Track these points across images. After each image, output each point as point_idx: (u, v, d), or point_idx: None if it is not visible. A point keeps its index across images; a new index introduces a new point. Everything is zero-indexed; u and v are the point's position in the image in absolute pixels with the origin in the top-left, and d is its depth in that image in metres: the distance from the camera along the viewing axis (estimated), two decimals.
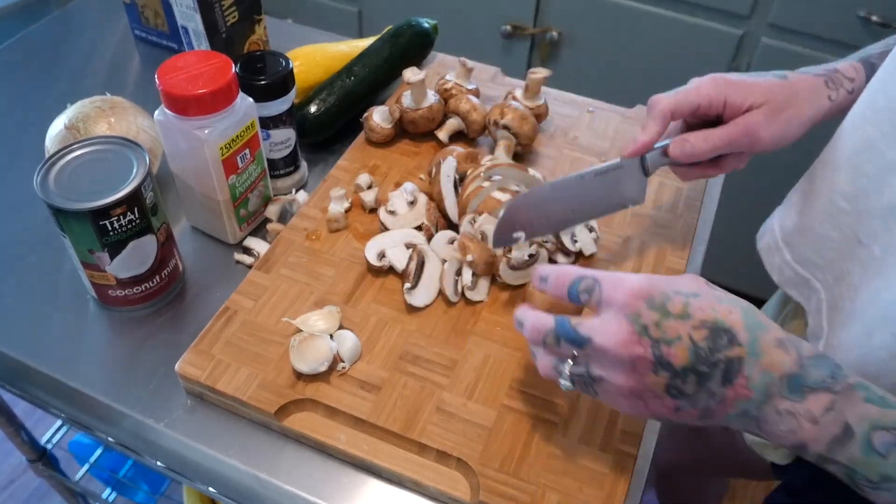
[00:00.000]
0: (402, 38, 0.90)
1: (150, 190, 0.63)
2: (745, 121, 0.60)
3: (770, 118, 0.59)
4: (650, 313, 0.46)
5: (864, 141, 0.56)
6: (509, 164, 0.72)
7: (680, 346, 0.45)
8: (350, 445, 0.58)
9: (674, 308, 0.46)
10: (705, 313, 0.45)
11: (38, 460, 1.07)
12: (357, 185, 0.76)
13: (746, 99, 0.59)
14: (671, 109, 0.59)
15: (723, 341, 0.45)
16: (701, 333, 0.45)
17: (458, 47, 0.98)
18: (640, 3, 1.42)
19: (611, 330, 0.46)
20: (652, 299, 0.46)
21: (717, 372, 0.45)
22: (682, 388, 0.46)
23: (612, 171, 0.63)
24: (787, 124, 0.61)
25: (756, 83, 0.60)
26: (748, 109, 0.60)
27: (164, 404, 0.62)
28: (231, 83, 0.64)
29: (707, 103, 0.59)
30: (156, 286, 0.68)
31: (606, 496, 0.54)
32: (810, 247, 0.62)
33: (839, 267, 0.59)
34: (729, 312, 0.46)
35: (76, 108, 0.75)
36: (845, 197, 0.57)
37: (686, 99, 0.59)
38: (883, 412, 0.44)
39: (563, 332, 0.48)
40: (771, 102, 0.59)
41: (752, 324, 0.45)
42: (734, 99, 0.59)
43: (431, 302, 0.66)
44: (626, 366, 0.46)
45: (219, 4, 0.85)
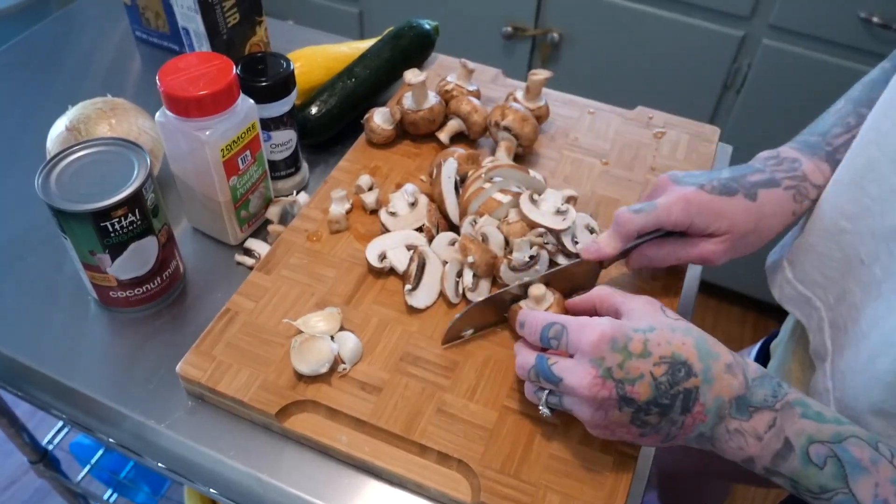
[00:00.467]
0: (402, 39, 0.90)
1: (151, 191, 0.63)
2: (703, 249, 0.62)
3: (728, 249, 0.62)
4: (613, 356, 0.50)
5: (868, 162, 0.56)
6: (510, 166, 0.72)
7: (642, 383, 0.49)
8: (351, 447, 0.58)
9: (635, 348, 0.50)
10: (663, 349, 0.50)
11: (39, 461, 1.07)
12: (358, 186, 0.76)
13: (710, 226, 0.61)
14: (637, 231, 0.61)
15: (681, 374, 0.49)
16: (661, 369, 0.49)
17: (458, 49, 0.98)
18: (641, 5, 1.43)
19: (578, 373, 0.51)
20: (615, 342, 0.50)
21: (678, 402, 0.49)
22: (645, 419, 0.50)
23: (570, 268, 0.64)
24: (745, 248, 0.63)
25: (723, 210, 0.61)
26: (710, 234, 0.61)
27: (164, 405, 0.62)
28: (232, 85, 0.64)
29: (672, 226, 0.61)
30: (157, 287, 0.68)
31: (607, 497, 0.54)
32: (812, 265, 0.63)
33: (840, 286, 0.59)
34: (683, 344, 0.50)
35: (77, 110, 0.75)
36: (848, 217, 0.58)
37: (655, 221, 0.61)
38: (818, 427, 0.48)
39: (541, 369, 0.53)
40: (734, 232, 0.61)
41: (704, 352, 0.50)
42: (698, 224, 0.61)
43: (432, 303, 0.66)
44: (594, 405, 0.50)
45: (220, 6, 0.85)
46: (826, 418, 0.49)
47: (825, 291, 0.62)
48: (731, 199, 0.61)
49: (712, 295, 1.89)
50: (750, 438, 0.49)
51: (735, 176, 0.62)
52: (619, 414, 0.50)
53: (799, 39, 1.35)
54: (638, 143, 0.84)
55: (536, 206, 0.72)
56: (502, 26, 1.56)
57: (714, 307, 1.90)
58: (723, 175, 0.63)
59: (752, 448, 0.49)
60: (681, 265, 0.68)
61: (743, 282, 1.78)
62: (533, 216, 0.71)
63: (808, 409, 0.49)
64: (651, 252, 0.63)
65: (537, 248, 0.67)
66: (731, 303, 1.89)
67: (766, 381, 0.50)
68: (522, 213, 0.69)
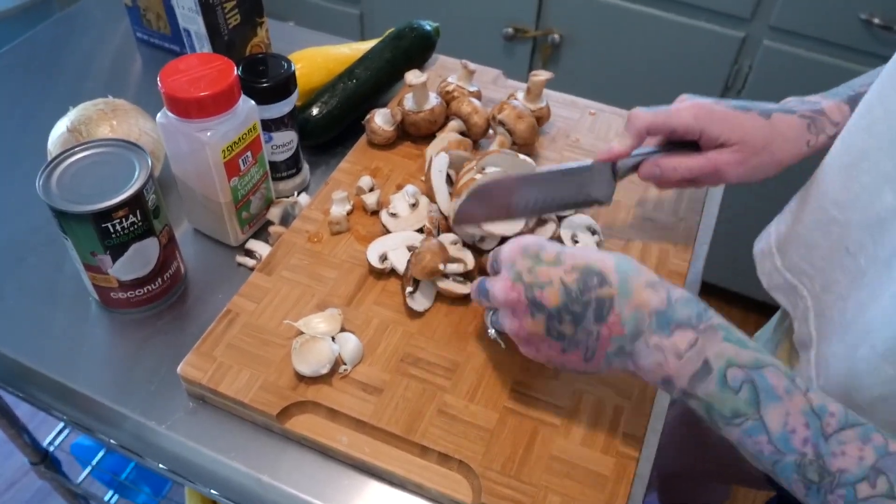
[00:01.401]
0: (403, 40, 0.90)
1: (152, 192, 0.63)
2: (715, 159, 0.61)
3: (741, 160, 0.61)
4: (524, 261, 0.52)
5: (860, 151, 0.56)
6: (499, 151, 0.72)
7: (551, 289, 0.50)
8: (351, 447, 0.58)
9: (546, 256, 0.52)
10: (576, 259, 0.51)
11: (40, 462, 1.07)
12: (359, 187, 0.76)
13: (722, 134, 0.60)
14: (647, 127, 0.62)
15: (593, 282, 0.50)
16: (571, 276, 0.50)
17: (459, 50, 0.98)
18: (642, 6, 1.43)
19: (497, 281, 0.54)
20: (527, 249, 0.52)
21: (590, 311, 0.50)
22: (560, 329, 0.51)
23: (581, 172, 0.65)
24: (756, 169, 0.62)
25: (736, 120, 0.61)
26: (722, 145, 0.61)
27: (165, 406, 0.62)
28: (233, 86, 0.64)
29: (683, 130, 0.61)
30: (158, 288, 0.68)
31: (608, 499, 0.54)
32: (800, 254, 0.62)
33: (826, 276, 0.59)
34: (600, 259, 0.51)
35: (78, 111, 0.75)
36: (837, 205, 0.58)
37: (664, 121, 0.61)
38: (738, 351, 0.48)
39: (480, 288, 0.56)
40: (746, 144, 0.60)
41: (624, 268, 0.51)
42: (710, 132, 0.60)
43: (431, 305, 0.66)
44: (509, 311, 0.53)
45: (221, 7, 0.85)
46: (747, 345, 0.48)
47: (811, 280, 0.61)
48: (745, 113, 0.61)
49: (713, 296, 1.89)
50: (669, 356, 0.48)
51: (752, 102, 0.63)
52: (532, 321, 0.51)
53: (800, 41, 1.35)
54: None
55: None
56: (503, 27, 1.56)
57: (715, 308, 1.89)
58: (739, 100, 0.63)
59: (671, 366, 0.49)
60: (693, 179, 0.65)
61: (744, 283, 1.78)
62: None
63: (730, 333, 0.49)
64: (662, 161, 0.63)
65: None
66: (732, 304, 1.89)
67: (692, 303, 0.50)
68: None
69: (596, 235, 0.71)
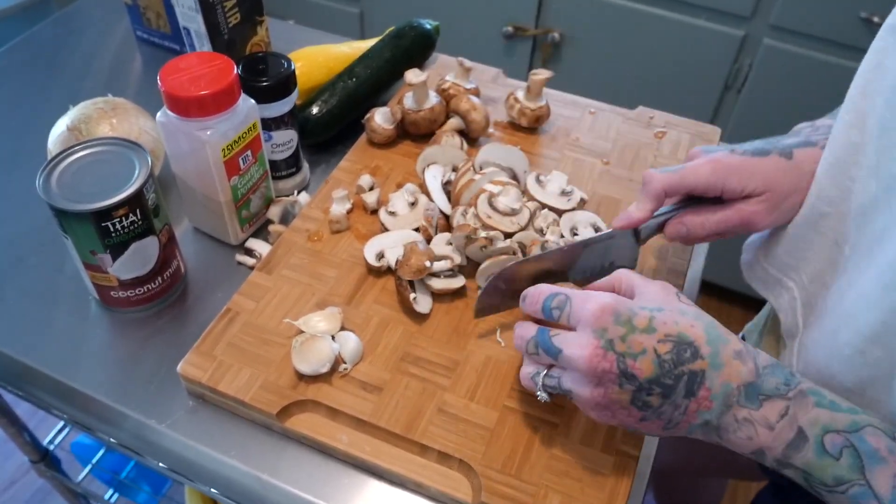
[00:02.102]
0: (403, 39, 0.90)
1: (152, 191, 0.63)
2: (743, 211, 0.58)
3: (770, 209, 0.58)
4: (616, 328, 0.48)
5: (848, 146, 0.55)
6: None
7: (645, 359, 0.47)
8: (351, 446, 0.58)
9: (639, 323, 0.48)
10: (669, 327, 0.48)
11: (40, 461, 1.07)
12: (359, 186, 0.76)
13: (746, 187, 0.57)
14: (664, 189, 0.58)
15: (686, 354, 0.47)
16: (665, 347, 0.47)
17: (459, 48, 0.98)
18: (642, 5, 1.42)
19: (580, 343, 0.49)
20: (619, 315, 0.48)
21: (681, 384, 0.47)
22: (647, 400, 0.48)
23: (602, 241, 0.62)
24: (788, 212, 0.59)
25: (758, 169, 0.57)
26: (747, 196, 0.58)
27: (165, 405, 0.62)
28: (233, 84, 0.64)
29: (703, 188, 0.58)
30: (158, 287, 0.68)
31: (608, 497, 0.54)
32: (786, 251, 0.61)
33: (814, 267, 0.58)
34: (691, 326, 0.48)
35: (78, 110, 0.75)
36: (828, 201, 0.57)
37: (682, 181, 0.58)
38: (833, 416, 0.46)
39: (541, 340, 0.51)
40: (773, 192, 0.57)
41: (714, 337, 0.48)
42: (732, 186, 0.57)
43: (432, 306, 0.66)
44: (593, 379, 0.48)
45: (221, 6, 0.85)
46: (841, 408, 0.47)
47: (798, 273, 0.60)
48: (765, 158, 0.58)
49: (713, 295, 1.89)
50: (760, 428, 0.47)
51: (768, 141, 0.60)
52: (619, 391, 0.48)
53: (800, 39, 1.35)
54: (639, 143, 0.84)
55: (542, 187, 0.73)
56: (503, 26, 1.56)
57: (715, 307, 1.90)
58: (755, 143, 0.60)
59: (763, 438, 0.47)
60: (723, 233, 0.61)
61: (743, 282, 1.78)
62: (539, 196, 0.71)
63: (822, 398, 0.48)
64: (688, 219, 0.59)
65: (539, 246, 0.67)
66: (733, 303, 1.89)
67: (778, 370, 0.49)
68: (529, 193, 0.70)
69: (600, 232, 0.71)
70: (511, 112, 0.84)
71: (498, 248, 0.66)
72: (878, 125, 0.52)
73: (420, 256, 0.64)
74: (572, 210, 0.72)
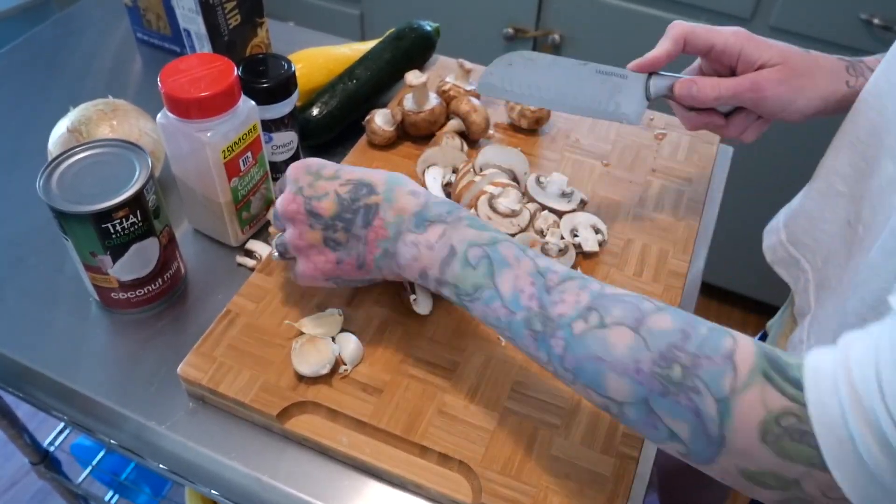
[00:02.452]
0: (404, 40, 0.90)
1: (153, 193, 0.63)
2: (755, 76, 0.59)
3: (782, 80, 0.59)
4: (305, 177, 0.57)
5: (867, 124, 0.56)
6: (493, 145, 0.73)
7: (327, 200, 0.55)
8: (352, 448, 0.58)
9: (326, 173, 0.57)
10: (353, 174, 0.56)
11: (40, 463, 1.07)
12: None
13: (762, 55, 0.58)
14: (685, 35, 0.60)
15: (363, 192, 0.55)
16: (345, 189, 0.56)
17: (459, 50, 0.98)
18: (642, 6, 1.43)
19: (282, 196, 0.57)
20: (309, 167, 0.57)
21: (359, 216, 0.55)
22: (335, 237, 0.56)
23: (614, 76, 0.63)
24: (798, 92, 0.60)
25: (776, 44, 0.60)
26: (760, 67, 0.59)
27: (165, 407, 0.62)
28: (233, 86, 0.64)
29: (721, 47, 0.59)
30: (158, 289, 0.68)
31: (608, 499, 0.54)
32: (803, 228, 0.63)
33: (828, 248, 0.59)
34: (373, 173, 0.57)
35: (79, 111, 0.75)
36: (844, 180, 0.58)
37: (704, 33, 0.60)
38: (479, 233, 0.52)
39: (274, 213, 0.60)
40: (787, 65, 0.59)
41: (392, 180, 0.56)
42: (749, 52, 0.58)
43: (432, 307, 0.66)
44: (289, 222, 0.57)
45: (221, 7, 0.85)
46: (489, 228, 0.52)
47: (814, 254, 0.61)
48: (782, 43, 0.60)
49: (713, 297, 1.89)
50: (423, 249, 0.53)
51: None
52: (310, 232, 0.56)
53: (800, 41, 1.34)
54: (639, 144, 0.84)
55: (542, 189, 0.73)
56: (503, 28, 1.56)
57: (715, 309, 1.90)
58: None
59: (425, 258, 0.53)
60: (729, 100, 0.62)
61: (744, 283, 1.78)
62: (539, 198, 0.72)
63: (475, 221, 0.53)
64: (700, 78, 0.61)
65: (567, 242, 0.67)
66: (733, 305, 1.89)
67: (446, 203, 0.55)
68: (529, 194, 0.71)
69: (599, 234, 0.71)
70: (511, 114, 0.84)
71: None
72: (894, 106, 0.52)
73: None
74: (572, 212, 0.72)
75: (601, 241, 0.71)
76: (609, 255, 0.71)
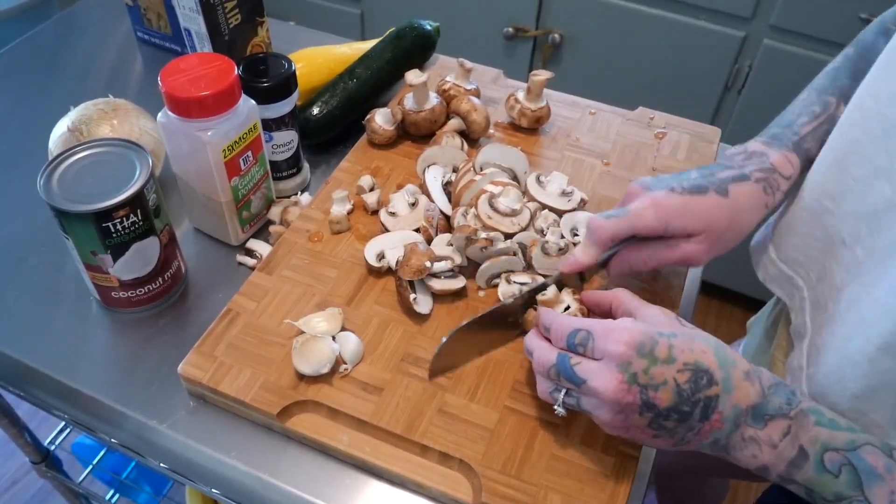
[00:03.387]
0: (404, 40, 0.90)
1: (153, 192, 0.63)
2: (683, 249, 0.60)
3: (708, 248, 0.60)
4: (640, 361, 0.50)
5: (851, 143, 0.57)
6: (493, 144, 0.73)
7: (665, 390, 0.49)
8: (352, 447, 0.58)
9: (660, 353, 0.50)
10: (686, 355, 0.50)
11: (41, 462, 1.07)
12: (359, 186, 0.76)
13: (686, 226, 0.60)
14: (610, 237, 0.60)
15: (703, 381, 0.49)
16: (684, 376, 0.49)
17: (460, 49, 0.98)
18: (642, 6, 1.43)
19: (604, 377, 0.50)
20: (642, 346, 0.50)
21: (697, 410, 0.49)
22: (663, 424, 0.50)
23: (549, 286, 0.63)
24: (724, 247, 0.62)
25: (697, 209, 0.60)
26: (688, 236, 0.60)
27: (166, 406, 0.62)
28: (233, 85, 0.64)
29: (647, 231, 0.60)
30: (158, 288, 0.68)
31: (608, 498, 0.54)
32: (794, 244, 0.63)
33: (822, 265, 0.60)
34: (703, 352, 0.50)
35: (79, 111, 0.75)
36: (831, 197, 0.58)
37: (627, 227, 0.60)
38: (832, 434, 0.49)
39: (562, 369, 0.52)
40: (711, 231, 0.60)
41: (724, 361, 0.50)
42: (674, 226, 0.59)
43: (433, 306, 0.66)
44: (616, 409, 0.50)
45: (221, 7, 0.85)
46: (840, 426, 0.50)
47: (807, 271, 0.62)
48: (703, 197, 0.60)
49: (713, 296, 1.89)
50: (765, 446, 0.50)
51: (704, 174, 0.62)
52: (639, 419, 0.50)
53: (800, 40, 1.35)
54: (639, 143, 0.84)
55: (542, 188, 0.73)
56: (503, 27, 1.56)
57: (715, 308, 1.90)
58: (692, 175, 0.62)
59: (767, 456, 0.50)
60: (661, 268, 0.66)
61: (744, 282, 1.78)
62: (539, 197, 0.72)
63: (822, 416, 0.50)
64: (631, 256, 0.62)
65: (567, 242, 0.67)
66: (733, 304, 1.89)
67: (781, 389, 0.51)
68: (529, 193, 0.71)
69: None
70: (511, 113, 0.84)
71: (498, 248, 0.66)
72: (881, 124, 0.53)
73: (420, 257, 0.64)
74: (573, 210, 0.72)
75: None
76: None
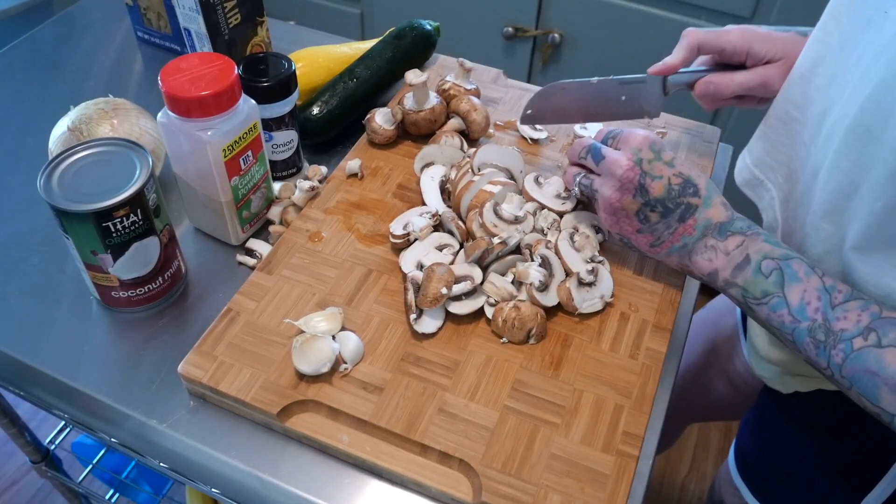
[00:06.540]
0: (404, 39, 0.90)
1: (153, 191, 0.63)
2: (762, 73, 0.69)
3: (785, 73, 0.67)
4: (648, 153, 0.62)
5: (816, 58, 0.63)
6: (489, 144, 0.74)
7: (660, 182, 0.62)
8: (352, 446, 0.58)
9: (665, 157, 0.62)
10: (684, 168, 0.62)
11: (41, 461, 1.07)
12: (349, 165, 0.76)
13: (767, 52, 0.68)
14: (699, 43, 0.70)
15: (689, 191, 0.62)
16: (677, 180, 0.62)
17: (460, 49, 0.98)
18: (642, 5, 1.43)
19: (619, 155, 0.63)
20: (654, 144, 0.62)
21: (678, 210, 0.62)
22: (648, 215, 0.62)
23: (634, 84, 0.73)
24: None
25: (778, 38, 0.69)
26: (768, 61, 0.69)
27: (166, 405, 0.62)
28: (234, 85, 0.64)
29: (731, 50, 0.69)
30: (159, 287, 0.68)
31: (608, 497, 0.55)
32: (765, 150, 0.70)
33: (787, 167, 0.67)
34: (698, 176, 0.63)
35: (79, 110, 0.75)
36: (797, 107, 0.65)
37: (715, 39, 0.69)
38: (773, 248, 0.59)
39: (593, 148, 0.65)
40: (788, 58, 0.68)
41: (711, 189, 0.62)
42: (755, 51, 0.68)
43: (442, 325, 0.65)
44: (618, 184, 0.62)
45: (221, 6, 0.85)
46: (782, 245, 0.59)
47: (775, 173, 0.69)
48: (785, 33, 0.69)
49: (714, 296, 1.89)
50: (720, 254, 0.61)
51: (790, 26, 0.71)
52: (631, 200, 0.62)
53: None
54: None
55: (540, 188, 0.73)
56: (503, 27, 1.56)
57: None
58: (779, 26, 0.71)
59: (720, 261, 0.61)
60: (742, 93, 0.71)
61: None
62: (537, 196, 0.72)
63: (770, 237, 0.60)
64: (715, 77, 0.70)
65: None
66: None
67: (747, 220, 0.61)
68: (527, 193, 0.71)
69: (601, 234, 0.71)
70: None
71: (510, 248, 0.67)
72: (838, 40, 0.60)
73: (437, 283, 0.63)
74: (573, 210, 0.72)
75: (602, 240, 0.71)
76: (610, 254, 0.71)
